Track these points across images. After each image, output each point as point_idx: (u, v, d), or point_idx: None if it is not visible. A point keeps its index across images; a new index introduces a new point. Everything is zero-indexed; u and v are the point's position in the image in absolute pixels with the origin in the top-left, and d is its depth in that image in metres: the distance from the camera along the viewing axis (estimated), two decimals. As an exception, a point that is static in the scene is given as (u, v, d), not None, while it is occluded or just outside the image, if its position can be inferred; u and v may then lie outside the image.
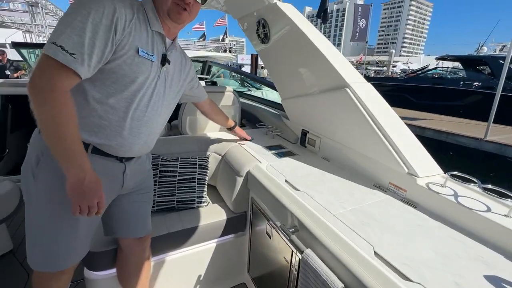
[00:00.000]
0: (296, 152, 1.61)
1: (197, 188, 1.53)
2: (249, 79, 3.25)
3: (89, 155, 0.84)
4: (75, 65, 0.70)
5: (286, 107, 1.86)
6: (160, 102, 0.95)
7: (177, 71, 1.03)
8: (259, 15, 1.70)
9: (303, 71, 1.56)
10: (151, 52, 0.85)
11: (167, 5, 0.84)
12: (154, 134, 1.01)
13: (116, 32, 0.75)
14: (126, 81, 0.82)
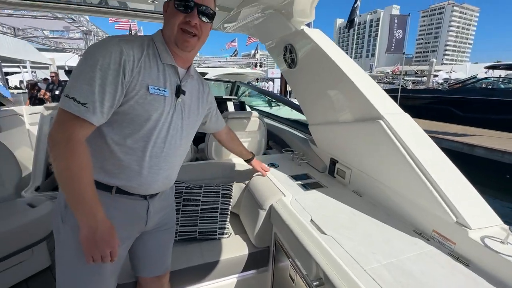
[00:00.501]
0: (324, 183, 1.51)
1: (219, 219, 1.49)
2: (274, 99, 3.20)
3: (113, 196, 0.85)
4: (87, 114, 0.71)
5: (314, 133, 1.77)
6: (178, 135, 0.93)
7: (195, 99, 1.00)
8: (286, 40, 1.67)
9: (331, 98, 1.48)
10: (163, 87, 0.84)
11: (173, 34, 0.82)
12: (175, 168, 0.99)
13: (125, 75, 0.75)
14: (141, 120, 0.82)
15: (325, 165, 1.68)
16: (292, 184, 1.49)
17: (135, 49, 0.77)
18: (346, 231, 1.04)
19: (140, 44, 0.80)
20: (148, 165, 0.87)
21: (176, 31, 0.81)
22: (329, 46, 1.40)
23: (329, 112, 1.55)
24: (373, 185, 1.29)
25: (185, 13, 0.80)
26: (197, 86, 1.03)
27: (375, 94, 1.23)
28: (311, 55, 1.52)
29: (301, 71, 1.66)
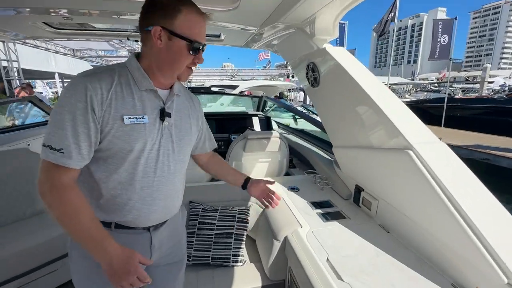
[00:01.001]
0: (347, 213, 1.37)
1: (233, 245, 1.44)
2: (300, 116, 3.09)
3: (113, 232, 0.84)
4: (63, 160, 0.71)
5: (338, 156, 1.65)
6: (170, 160, 0.87)
7: (185, 117, 0.93)
8: (308, 58, 1.61)
9: (355, 121, 1.36)
10: (141, 114, 0.79)
11: (179, 71, 0.81)
12: (174, 195, 0.93)
13: (94, 110, 0.72)
14: (124, 153, 0.78)
15: (350, 192, 1.54)
16: (312, 212, 1.38)
17: (102, 82, 0.74)
18: (366, 278, 0.91)
19: (109, 75, 0.77)
20: (140, 197, 0.83)
21: (184, 70, 0.82)
22: (352, 66, 1.31)
23: (353, 135, 1.43)
24: (403, 222, 1.13)
25: (194, 55, 0.80)
26: (186, 103, 0.96)
27: (405, 120, 1.10)
28: (333, 74, 1.43)
29: (324, 90, 1.57)
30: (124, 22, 1.77)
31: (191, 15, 0.77)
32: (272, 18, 1.54)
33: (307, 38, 1.52)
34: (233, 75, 21.80)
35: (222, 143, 3.12)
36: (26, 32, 2.00)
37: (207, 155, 1.18)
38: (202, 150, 1.13)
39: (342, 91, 1.40)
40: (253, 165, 1.90)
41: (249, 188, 1.15)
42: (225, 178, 1.20)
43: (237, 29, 1.90)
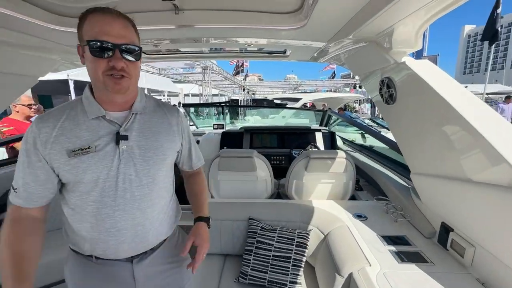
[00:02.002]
0: (429, 256, 1.15)
1: (291, 271, 1.37)
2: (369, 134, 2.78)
3: (94, 264, 0.84)
4: (15, 199, 0.76)
5: (418, 185, 1.41)
6: (134, 185, 0.80)
7: (153, 135, 0.85)
8: (382, 73, 1.46)
9: (444, 147, 1.14)
10: (88, 144, 0.75)
11: (99, 81, 0.73)
12: (145, 223, 0.83)
13: (39, 150, 0.74)
14: (76, 187, 0.78)
15: (434, 230, 1.28)
16: (383, 249, 1.21)
17: (48, 122, 0.75)
18: None
19: (59, 112, 0.78)
20: (104, 229, 0.79)
21: (103, 78, 0.72)
22: (440, 81, 1.11)
23: (440, 162, 1.20)
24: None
25: (107, 58, 0.71)
26: (156, 120, 0.88)
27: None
28: (415, 91, 1.25)
29: (402, 108, 1.39)
30: (202, 46, 1.97)
31: (94, 17, 0.71)
32: (342, 32, 1.46)
33: (382, 51, 1.38)
34: (296, 86, 21.80)
35: (283, 158, 3.09)
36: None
37: (190, 171, 1.08)
38: (188, 167, 1.06)
39: (425, 111, 1.20)
40: (314, 185, 1.80)
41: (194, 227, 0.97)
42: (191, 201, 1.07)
43: (303, 45, 1.88)
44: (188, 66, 12.95)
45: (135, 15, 1.37)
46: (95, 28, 0.70)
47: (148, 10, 1.36)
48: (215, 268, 1.58)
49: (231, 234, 1.61)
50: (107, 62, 0.71)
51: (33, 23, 1.19)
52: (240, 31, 1.57)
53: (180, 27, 1.49)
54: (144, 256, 0.87)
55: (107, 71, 0.72)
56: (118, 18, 0.73)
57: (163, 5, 1.27)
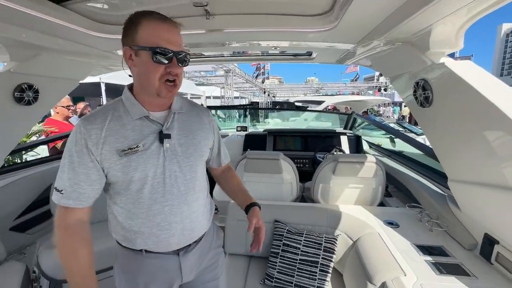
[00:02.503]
0: (471, 269, 1.07)
1: (318, 276, 1.34)
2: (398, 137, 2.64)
3: (144, 257, 0.87)
4: (63, 200, 0.75)
5: (457, 193, 1.33)
6: (180, 181, 0.85)
7: (191, 133, 0.90)
8: (417, 75, 1.39)
9: (490, 153, 1.07)
10: (135, 143, 0.78)
11: (154, 87, 0.76)
12: (191, 216, 0.89)
13: (91, 151, 0.76)
14: (127, 184, 0.80)
15: (475, 241, 1.20)
16: (418, 259, 1.14)
17: (96, 123, 0.77)
18: None
19: (103, 113, 0.80)
20: (155, 224, 0.83)
21: (159, 84, 0.75)
22: (486, 83, 1.04)
23: (483, 169, 1.12)
24: None
25: (165, 65, 0.74)
26: (192, 119, 0.93)
27: None
28: (456, 93, 1.18)
29: (439, 112, 1.32)
30: (229, 49, 2.01)
31: (151, 23, 0.74)
32: (373, 34, 1.42)
33: (418, 52, 1.32)
34: (317, 89, 21.49)
35: (307, 162, 3.05)
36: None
37: (221, 168, 1.12)
38: (217, 165, 1.09)
39: (467, 114, 1.13)
40: (342, 190, 1.76)
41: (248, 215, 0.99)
42: (233, 198, 1.11)
43: (331, 47, 1.85)
44: (213, 69, 13.30)
45: (168, 21, 1.45)
46: (156, 34, 0.73)
47: (180, 16, 1.41)
48: (241, 269, 1.59)
49: (256, 235, 1.61)
50: (165, 69, 0.74)
51: (75, 29, 1.29)
52: (268, 34, 1.58)
53: (210, 32, 1.54)
54: (188, 249, 0.92)
55: (162, 77, 0.75)
56: (176, 26, 0.77)
57: (195, 10, 1.31)
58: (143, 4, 1.26)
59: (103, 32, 1.42)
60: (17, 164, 2.38)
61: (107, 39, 1.48)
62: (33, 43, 1.35)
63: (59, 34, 1.33)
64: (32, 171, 2.02)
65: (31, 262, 1.61)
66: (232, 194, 1.11)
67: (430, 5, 0.91)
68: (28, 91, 1.54)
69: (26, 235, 1.93)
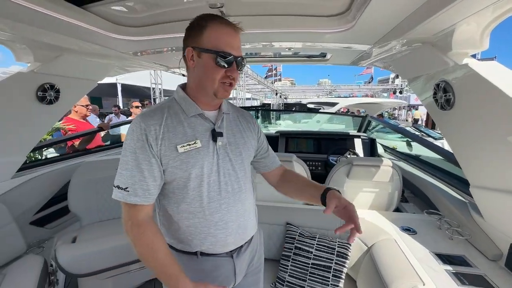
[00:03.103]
0: (496, 281, 1.01)
1: (331, 282, 1.31)
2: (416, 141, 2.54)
3: (199, 260, 0.86)
4: (130, 198, 0.74)
5: (479, 200, 1.27)
6: (233, 179, 0.85)
7: (238, 133, 0.91)
8: (438, 76, 1.34)
9: (516, 157, 1.01)
10: (193, 140, 0.80)
11: (213, 88, 0.78)
12: (245, 214, 0.90)
13: (151, 146, 0.76)
14: (185, 182, 0.80)
15: (500, 252, 1.14)
16: (438, 268, 1.10)
17: (154, 119, 0.78)
18: None
19: (160, 110, 0.81)
20: (212, 223, 0.83)
21: (217, 85, 0.78)
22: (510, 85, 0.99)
23: (509, 176, 1.06)
24: None
25: (225, 68, 0.77)
26: (237, 120, 0.95)
27: None
28: (479, 96, 1.13)
29: (461, 115, 1.26)
30: (243, 50, 2.01)
31: (217, 27, 0.76)
32: (391, 34, 1.38)
33: (439, 53, 1.27)
34: (330, 91, 21.22)
35: (319, 164, 3.00)
36: (171, 64, 2.59)
37: (278, 172, 1.08)
38: (267, 168, 1.06)
39: (492, 117, 1.08)
40: (356, 193, 1.71)
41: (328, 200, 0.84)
42: (302, 196, 1.02)
43: (346, 49, 1.82)
44: None
45: (183, 23, 1.46)
46: (220, 38, 0.76)
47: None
48: None
49: (267, 237, 1.60)
50: (225, 72, 0.77)
51: (95, 31, 1.32)
52: (284, 35, 1.56)
53: (225, 33, 1.55)
54: (241, 250, 0.91)
55: (221, 79, 0.78)
56: (238, 31, 0.79)
57: (210, 12, 1.32)
58: (161, 6, 1.28)
59: (122, 34, 1.46)
60: (38, 160, 2.49)
61: (125, 41, 1.52)
62: (56, 44, 1.40)
63: (80, 36, 1.38)
64: (51, 168, 2.10)
65: (49, 256, 1.67)
66: (301, 193, 1.01)
67: (454, 4, 0.87)
68: (50, 90, 1.60)
69: (45, 229, 2.01)
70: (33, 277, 1.31)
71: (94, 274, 1.62)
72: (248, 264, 0.97)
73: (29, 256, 1.51)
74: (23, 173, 1.88)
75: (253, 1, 1.27)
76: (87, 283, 1.75)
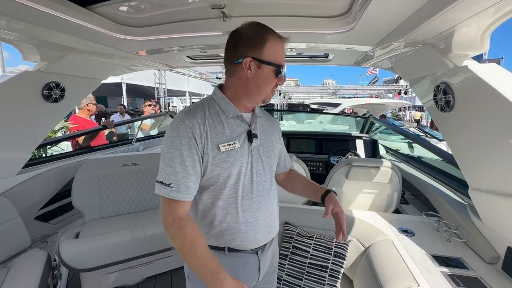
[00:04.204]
0: (492, 284, 1.01)
1: (327, 281, 1.32)
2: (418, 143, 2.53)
3: (227, 256, 0.88)
4: (173, 194, 0.77)
5: (478, 203, 1.27)
6: (264, 179, 0.91)
7: (268, 136, 0.97)
8: (438, 78, 1.34)
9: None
10: (232, 140, 0.84)
11: (264, 94, 0.86)
12: (272, 213, 0.96)
13: (197, 144, 0.79)
14: (223, 179, 0.83)
15: (497, 255, 1.13)
16: (434, 270, 1.10)
17: (198, 118, 0.81)
18: None
19: (201, 109, 0.84)
20: (244, 220, 0.86)
21: (270, 93, 0.87)
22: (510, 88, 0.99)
23: (508, 179, 1.06)
24: None
25: (278, 78, 0.85)
26: (267, 123, 1.00)
27: None
28: (479, 98, 1.12)
29: (461, 117, 1.26)
30: None
31: (275, 42, 0.82)
32: (392, 35, 1.38)
33: (440, 54, 1.27)
34: (334, 92, 21.11)
35: (320, 165, 3.01)
36: (175, 64, 2.62)
37: (284, 173, 1.18)
38: (283, 169, 1.14)
39: (490, 119, 1.08)
40: (355, 195, 1.72)
41: (326, 201, 0.98)
42: (304, 194, 1.17)
43: (348, 50, 1.82)
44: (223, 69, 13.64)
45: (185, 24, 1.48)
46: (279, 54, 0.83)
47: (199, 18, 1.44)
48: None
49: (266, 237, 1.61)
50: (277, 81, 0.86)
51: (100, 31, 1.35)
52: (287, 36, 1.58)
53: (227, 33, 1.56)
54: (265, 248, 0.96)
55: (274, 87, 0.88)
56: (285, 44, 0.86)
57: (212, 13, 1.34)
58: (165, 7, 1.31)
59: (126, 34, 1.48)
60: (43, 157, 2.54)
61: (130, 41, 1.55)
62: (61, 44, 1.43)
63: (85, 36, 1.41)
64: (55, 165, 2.15)
65: (52, 251, 1.71)
66: (303, 191, 1.15)
67: (454, 5, 0.87)
68: (56, 89, 1.64)
69: (49, 225, 2.05)
70: (37, 271, 1.35)
71: (96, 269, 1.66)
72: (270, 262, 1.01)
73: (34, 251, 1.55)
74: (28, 170, 1.92)
75: (254, 2, 1.28)
76: (89, 278, 1.79)
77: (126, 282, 1.96)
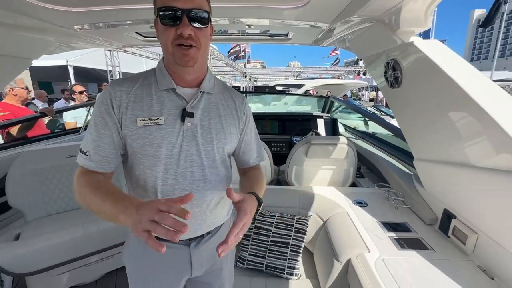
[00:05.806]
0: (430, 243, 1.13)
1: (289, 256, 1.37)
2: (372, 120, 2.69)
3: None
4: (87, 162, 0.72)
5: (421, 171, 1.38)
6: (195, 165, 0.77)
7: (215, 116, 0.81)
8: (388, 55, 1.39)
9: (451, 131, 1.10)
10: (157, 116, 0.73)
11: (170, 53, 0.70)
12: (202, 206, 0.81)
13: (114, 112, 0.72)
14: (140, 158, 0.75)
15: (435, 216, 1.26)
16: (383, 235, 1.19)
17: (124, 86, 0.75)
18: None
19: (134, 79, 0.77)
20: None
21: (172, 49, 0.70)
22: (452, 64, 1.05)
23: (445, 148, 1.16)
24: (518, 269, 0.85)
25: (175, 26, 0.67)
26: (221, 102, 0.84)
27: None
28: (423, 73, 1.19)
29: (407, 92, 1.33)
30: None
31: None
32: (346, 11, 1.38)
33: (389, 31, 1.31)
34: (299, 73, 21.44)
35: (284, 145, 3.05)
36: (124, 42, 2.36)
37: (245, 168, 0.97)
38: (242, 163, 0.95)
39: (434, 94, 1.15)
40: (315, 172, 1.77)
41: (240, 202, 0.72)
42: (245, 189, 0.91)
43: (306, 27, 1.79)
44: None
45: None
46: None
47: None
48: None
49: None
50: (175, 30, 0.68)
51: (25, 1, 1.13)
52: (241, 10, 1.49)
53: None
54: (201, 240, 0.86)
55: (175, 40, 0.69)
56: None
57: None
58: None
59: (60, 4, 1.26)
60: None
61: (63, 12, 1.32)
62: None
63: (7, 7, 1.16)
64: None
65: None
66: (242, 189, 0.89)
67: None
68: (-30, 70, 1.36)
69: None
70: None
71: (43, 271, 1.51)
72: (212, 256, 0.90)
73: None
74: None
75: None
76: (37, 281, 1.63)
77: (83, 281, 1.83)
